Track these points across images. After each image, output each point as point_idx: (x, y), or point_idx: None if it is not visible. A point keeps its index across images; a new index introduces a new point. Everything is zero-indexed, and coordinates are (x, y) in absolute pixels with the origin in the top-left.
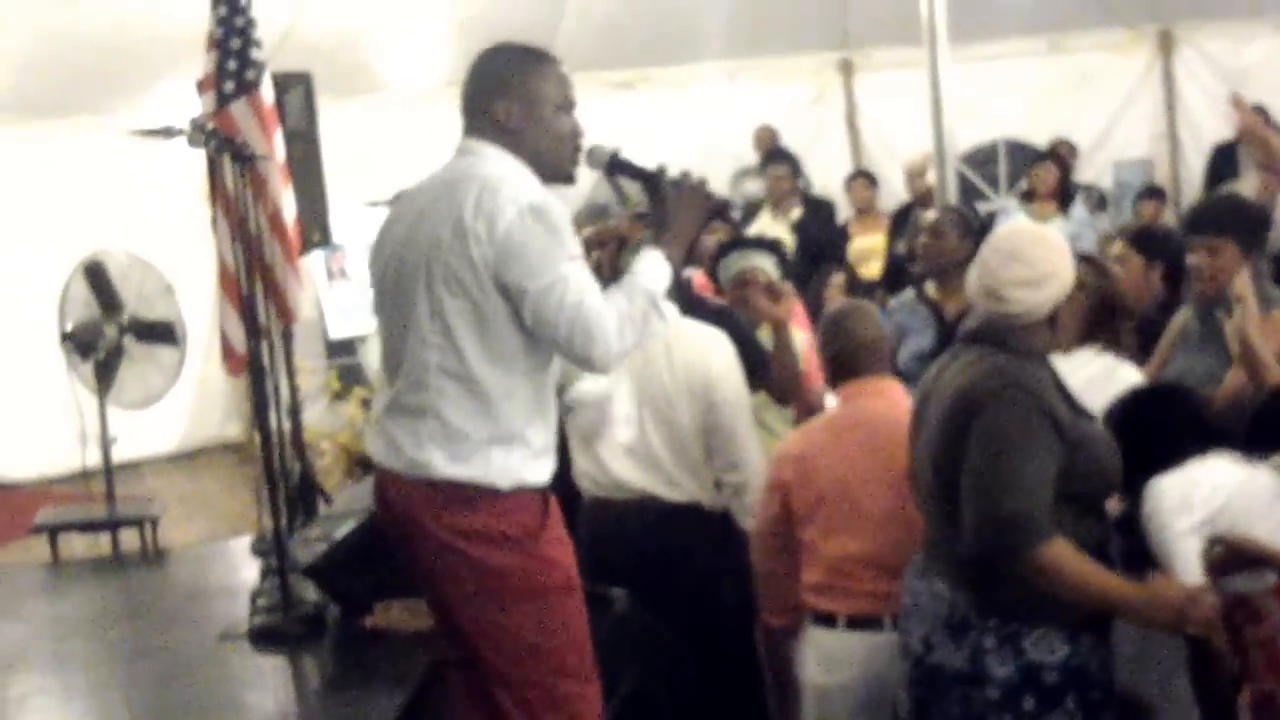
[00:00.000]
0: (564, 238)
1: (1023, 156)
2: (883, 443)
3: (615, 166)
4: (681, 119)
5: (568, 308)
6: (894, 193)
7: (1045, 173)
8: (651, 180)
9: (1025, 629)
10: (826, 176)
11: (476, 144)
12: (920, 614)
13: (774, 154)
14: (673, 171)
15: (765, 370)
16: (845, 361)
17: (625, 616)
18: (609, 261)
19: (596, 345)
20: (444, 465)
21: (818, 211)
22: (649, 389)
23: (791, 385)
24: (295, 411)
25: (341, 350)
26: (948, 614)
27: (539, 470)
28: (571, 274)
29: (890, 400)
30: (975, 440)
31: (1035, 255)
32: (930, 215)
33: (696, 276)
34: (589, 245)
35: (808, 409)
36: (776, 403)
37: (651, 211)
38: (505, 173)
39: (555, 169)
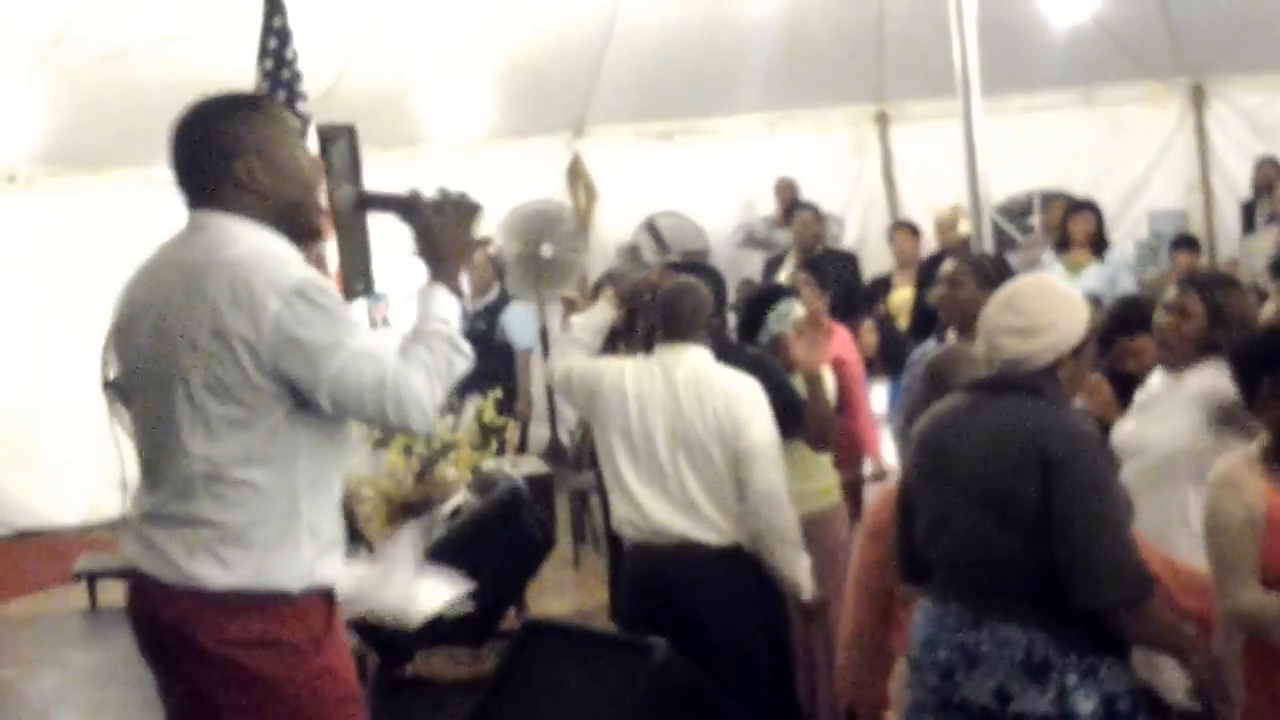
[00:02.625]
0: (336, 310)
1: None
2: None
3: (364, 202)
4: (720, 170)
5: (369, 385)
6: (927, 242)
7: (1082, 222)
8: (408, 208)
9: (1099, 660)
10: (863, 227)
11: (209, 217)
12: (987, 666)
13: (797, 204)
14: (434, 192)
15: (801, 417)
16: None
17: (664, 666)
18: (643, 312)
19: (411, 411)
20: (222, 575)
21: (836, 262)
22: (683, 434)
23: (827, 431)
24: None
25: None
26: (1024, 658)
27: (330, 564)
28: (359, 347)
29: None
30: (1075, 489)
31: (1030, 306)
32: (948, 265)
33: None
34: (624, 295)
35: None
36: (813, 449)
37: (416, 242)
38: (252, 251)
39: (309, 221)
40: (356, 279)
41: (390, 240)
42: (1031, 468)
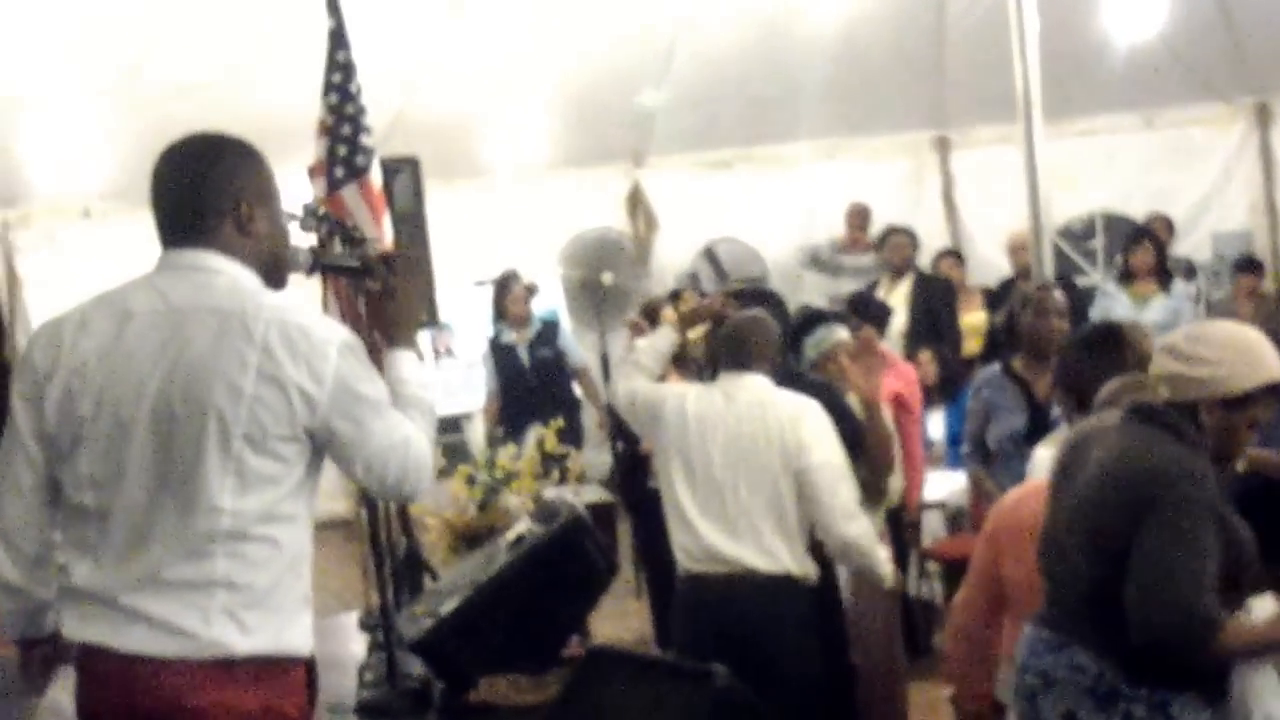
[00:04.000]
0: (375, 371)
1: (1120, 230)
2: None
3: (318, 266)
4: (779, 197)
5: (398, 447)
6: (987, 267)
7: (1143, 253)
8: (365, 273)
9: (1173, 695)
10: (925, 253)
11: (207, 257)
12: (1059, 689)
13: (892, 229)
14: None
15: (862, 443)
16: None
17: (726, 692)
18: (706, 339)
19: (422, 475)
20: (242, 640)
21: (928, 287)
22: (742, 456)
23: (885, 459)
24: None
25: (446, 428)
26: (1093, 684)
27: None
28: (395, 410)
29: None
30: (1159, 530)
31: (1207, 337)
32: (1034, 290)
33: None
34: (685, 322)
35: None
36: (871, 474)
37: (370, 307)
38: (282, 299)
39: (283, 276)
40: (420, 309)
41: (453, 271)
42: (1126, 504)
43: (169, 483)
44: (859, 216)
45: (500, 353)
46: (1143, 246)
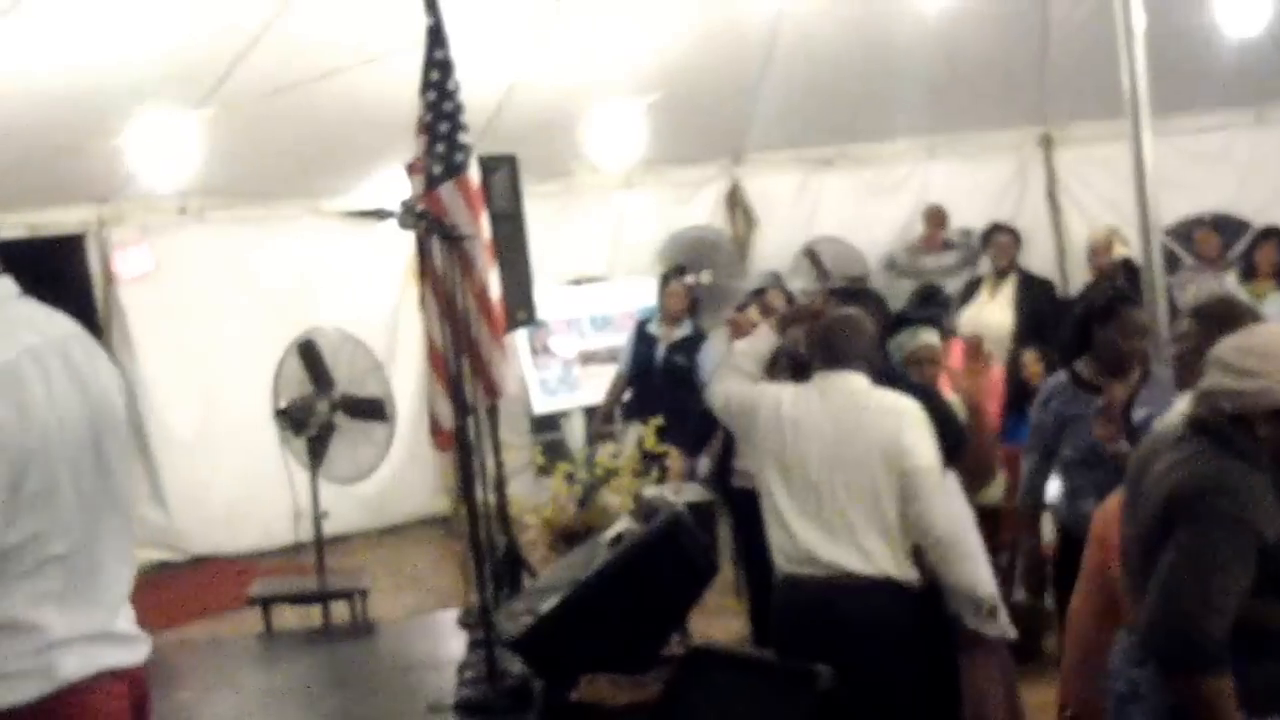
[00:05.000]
0: None
1: (1230, 229)
2: None
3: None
4: (880, 196)
5: None
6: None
7: (1269, 250)
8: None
9: (1254, 718)
10: (1027, 252)
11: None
12: (1147, 703)
13: (996, 227)
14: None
15: (963, 445)
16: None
17: (830, 693)
18: (805, 338)
19: None
20: None
21: (1032, 287)
22: (839, 457)
23: (988, 461)
24: (501, 486)
25: (545, 426)
26: (1176, 701)
27: None
28: None
29: None
30: (1176, 546)
31: (1257, 348)
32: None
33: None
34: (785, 322)
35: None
36: (973, 477)
37: None
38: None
39: None
40: (518, 308)
41: (549, 269)
42: (1162, 519)
43: (95, 518)
44: (936, 217)
45: (641, 341)
46: (1270, 244)
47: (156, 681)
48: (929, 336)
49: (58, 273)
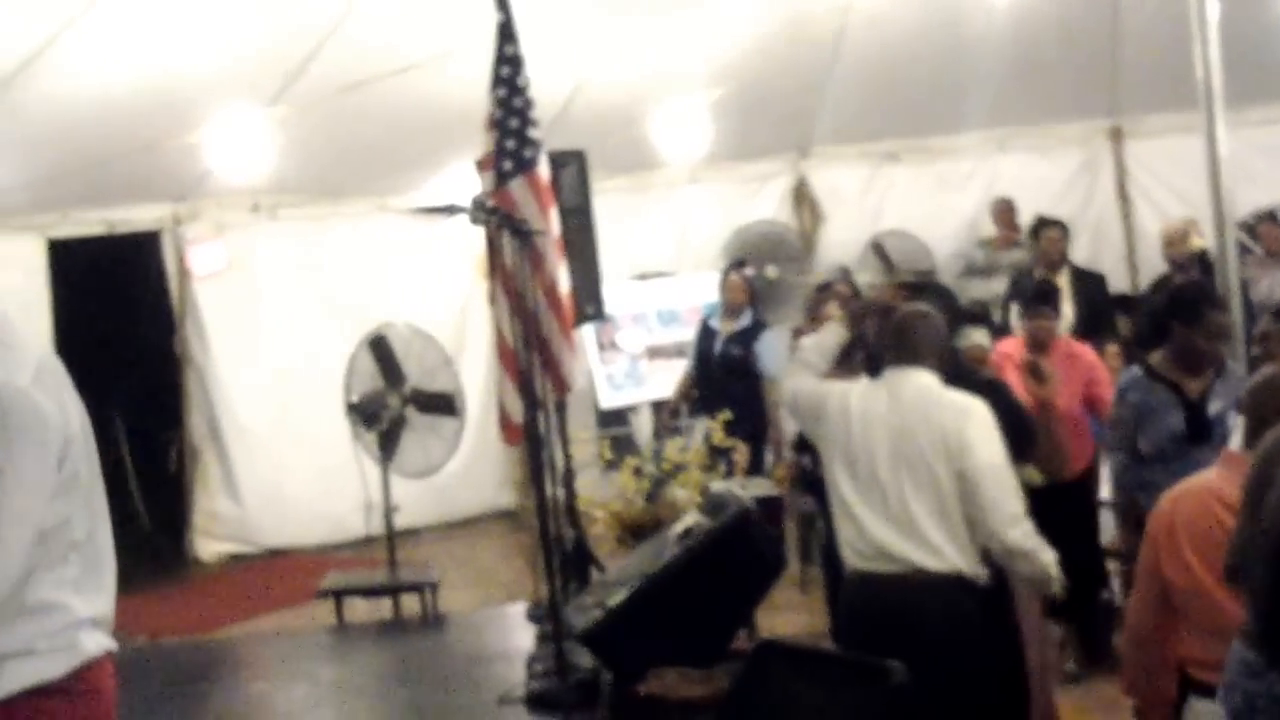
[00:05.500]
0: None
1: None
2: None
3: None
4: (948, 189)
5: None
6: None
7: None
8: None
9: None
10: (1096, 245)
11: None
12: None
13: (1044, 221)
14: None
15: (1033, 442)
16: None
17: (901, 689)
18: (874, 330)
19: None
20: None
21: (1083, 282)
22: (906, 454)
23: (1057, 461)
24: (569, 480)
25: (611, 420)
26: None
27: None
28: None
29: None
30: None
31: None
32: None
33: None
34: (856, 315)
35: None
36: (1044, 474)
37: None
38: None
39: None
40: (587, 303)
41: (617, 264)
42: None
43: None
44: (1006, 212)
45: (704, 335)
46: None
47: (231, 673)
48: (978, 336)
49: (134, 269)
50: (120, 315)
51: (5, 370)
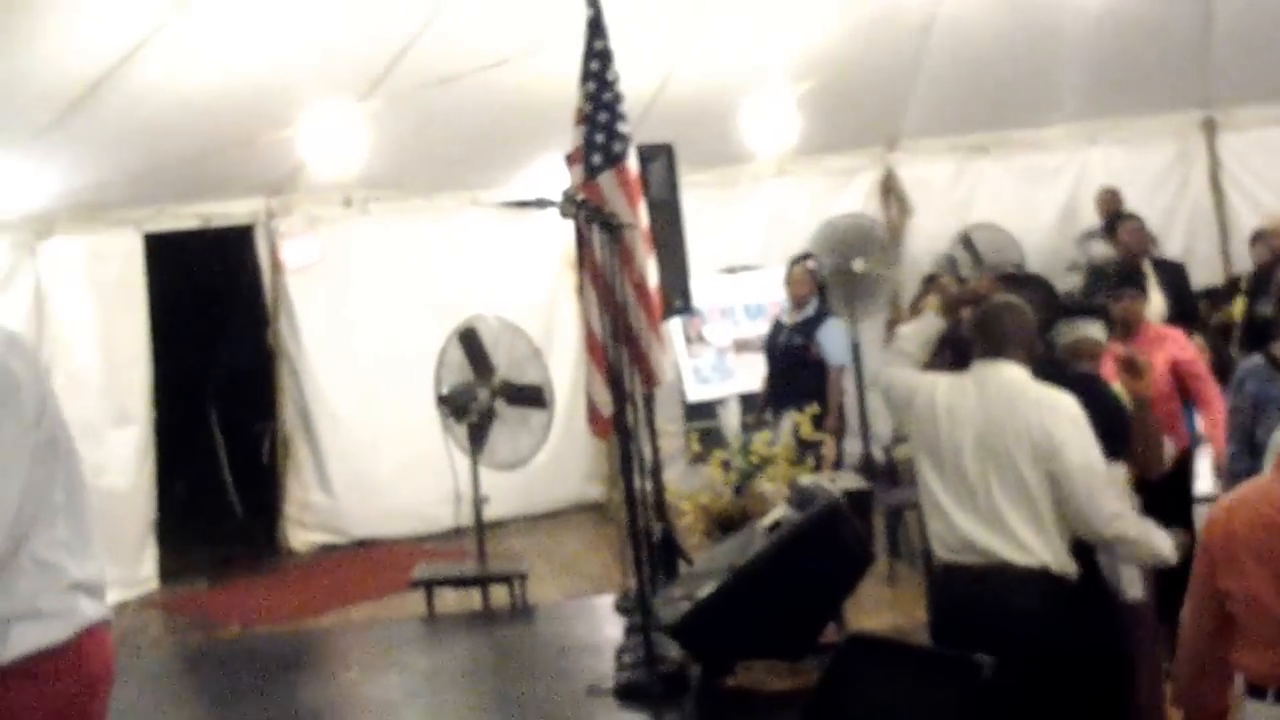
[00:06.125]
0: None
1: None
2: None
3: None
4: (1038, 182)
5: None
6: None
7: None
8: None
9: None
10: (1188, 238)
11: None
12: None
13: (1119, 214)
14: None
15: (1128, 437)
16: None
17: (992, 683)
18: (967, 324)
19: None
20: None
21: (1167, 272)
22: (992, 449)
23: (1154, 458)
24: (657, 473)
25: (698, 413)
26: None
27: None
28: None
29: None
30: None
31: None
32: None
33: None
34: (952, 305)
35: None
36: (1139, 472)
37: None
38: None
39: None
40: (675, 296)
41: (705, 257)
42: None
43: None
44: (1112, 201)
45: (773, 330)
46: None
47: (323, 662)
48: (1091, 330)
49: (228, 263)
50: (215, 308)
51: None
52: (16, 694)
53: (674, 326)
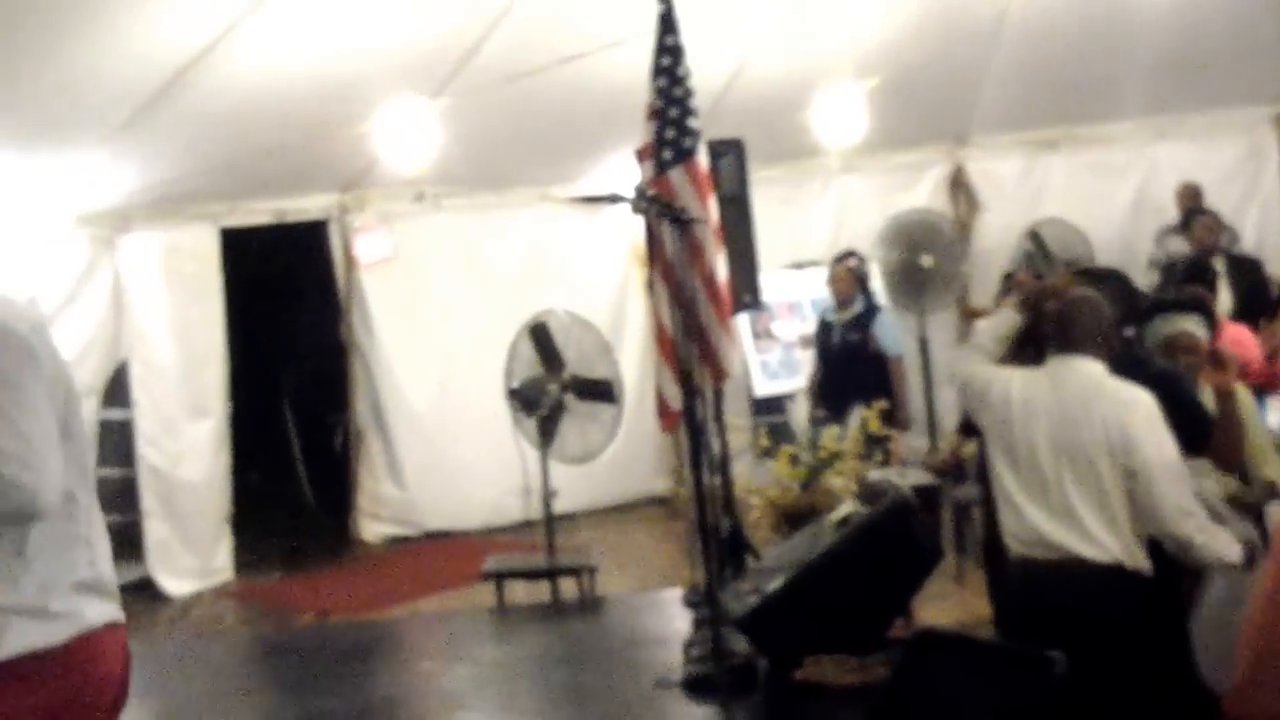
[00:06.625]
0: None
1: None
2: None
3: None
4: (1106, 177)
5: None
6: None
7: None
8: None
9: None
10: (1261, 232)
11: None
12: None
13: (1192, 210)
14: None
15: (1207, 435)
16: None
17: (1065, 679)
18: (1043, 319)
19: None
20: None
21: (1240, 267)
22: (1067, 445)
23: (1235, 453)
24: (725, 467)
25: (764, 408)
26: None
27: None
28: None
29: None
30: None
31: None
32: None
33: None
34: (1029, 301)
35: None
36: (1219, 469)
37: None
38: None
39: None
40: (744, 291)
41: (774, 253)
42: None
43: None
44: (1191, 196)
45: (822, 332)
46: None
47: (396, 652)
48: (1188, 324)
49: (302, 257)
50: (289, 302)
51: (6, 314)
52: (1, 694)
53: (741, 321)
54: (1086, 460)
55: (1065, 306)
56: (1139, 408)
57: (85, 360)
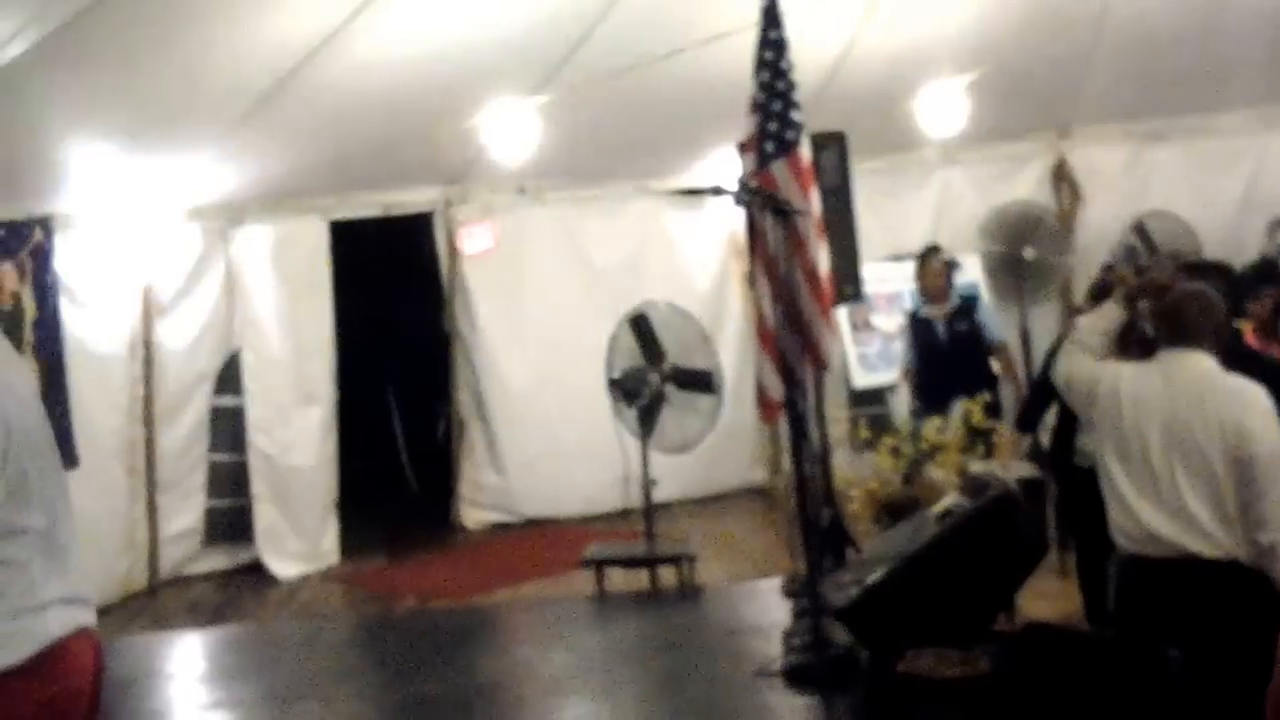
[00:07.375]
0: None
1: None
2: None
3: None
4: (1213, 169)
5: None
6: None
7: None
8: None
9: None
10: None
11: None
12: None
13: None
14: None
15: None
16: None
17: (1180, 674)
18: (1151, 314)
19: None
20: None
21: None
22: (1179, 439)
23: None
24: (826, 458)
25: (863, 400)
26: None
27: None
28: None
29: None
30: None
31: None
32: None
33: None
34: (1132, 295)
35: None
36: None
37: None
38: None
39: None
40: (845, 283)
41: (875, 245)
42: None
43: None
44: None
45: (918, 327)
46: None
47: (497, 637)
48: None
49: (408, 249)
50: (394, 293)
51: None
52: None
53: (839, 313)
54: (1200, 455)
55: (1176, 301)
56: (1254, 402)
57: (199, 349)
